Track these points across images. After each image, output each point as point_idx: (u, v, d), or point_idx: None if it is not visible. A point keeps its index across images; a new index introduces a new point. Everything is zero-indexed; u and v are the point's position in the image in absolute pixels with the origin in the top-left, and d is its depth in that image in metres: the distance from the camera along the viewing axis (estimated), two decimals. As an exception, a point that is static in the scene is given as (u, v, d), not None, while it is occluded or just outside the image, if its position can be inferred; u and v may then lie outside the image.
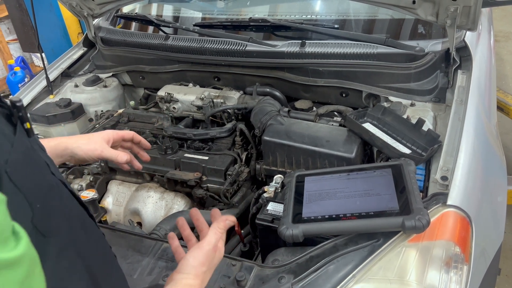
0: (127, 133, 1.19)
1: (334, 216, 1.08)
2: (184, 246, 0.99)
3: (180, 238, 1.03)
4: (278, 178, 1.36)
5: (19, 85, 4.12)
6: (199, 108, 1.74)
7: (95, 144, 1.08)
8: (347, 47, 1.61)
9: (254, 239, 1.45)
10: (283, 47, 1.69)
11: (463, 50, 1.57)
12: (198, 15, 2.10)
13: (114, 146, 1.15)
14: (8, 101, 0.58)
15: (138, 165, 1.19)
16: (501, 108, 2.90)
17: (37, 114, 1.84)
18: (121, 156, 1.10)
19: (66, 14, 3.76)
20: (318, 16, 1.88)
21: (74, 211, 0.68)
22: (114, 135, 1.14)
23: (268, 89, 1.75)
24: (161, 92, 1.82)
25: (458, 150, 1.23)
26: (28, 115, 0.61)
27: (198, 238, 0.99)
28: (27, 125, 0.58)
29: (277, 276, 1.04)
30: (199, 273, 0.85)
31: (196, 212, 1.03)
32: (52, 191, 0.59)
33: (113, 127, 1.84)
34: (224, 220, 0.96)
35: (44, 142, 1.00)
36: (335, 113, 1.70)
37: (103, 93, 2.00)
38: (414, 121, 1.38)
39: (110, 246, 0.81)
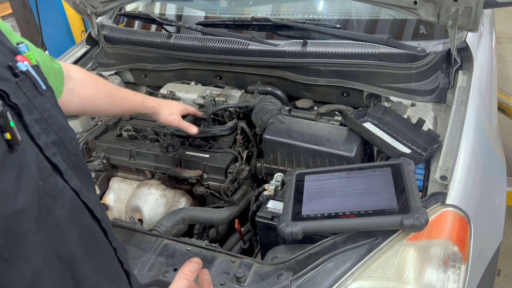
0: (192, 109, 1.59)
1: (333, 214, 1.08)
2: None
3: (177, 237, 1.02)
4: (278, 176, 1.37)
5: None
6: (201, 106, 1.74)
7: (176, 116, 1.45)
8: (349, 47, 1.61)
9: (254, 237, 1.46)
10: (284, 47, 1.70)
11: (464, 51, 1.57)
12: (201, 14, 2.11)
13: None
14: None
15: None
16: (503, 109, 2.90)
17: None
18: (191, 129, 1.48)
19: (70, 12, 3.76)
20: (320, 16, 1.89)
21: (74, 230, 0.61)
22: (185, 111, 1.52)
23: (269, 88, 1.76)
24: (163, 90, 1.83)
25: (458, 150, 1.23)
26: (11, 120, 0.50)
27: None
28: (7, 135, 0.48)
29: (276, 273, 1.05)
30: None
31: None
32: (21, 216, 0.51)
33: (115, 124, 1.85)
34: (187, 264, 0.84)
35: (142, 99, 1.39)
36: (336, 112, 1.70)
37: (105, 90, 2.00)
38: (414, 121, 1.38)
39: (123, 262, 0.75)
